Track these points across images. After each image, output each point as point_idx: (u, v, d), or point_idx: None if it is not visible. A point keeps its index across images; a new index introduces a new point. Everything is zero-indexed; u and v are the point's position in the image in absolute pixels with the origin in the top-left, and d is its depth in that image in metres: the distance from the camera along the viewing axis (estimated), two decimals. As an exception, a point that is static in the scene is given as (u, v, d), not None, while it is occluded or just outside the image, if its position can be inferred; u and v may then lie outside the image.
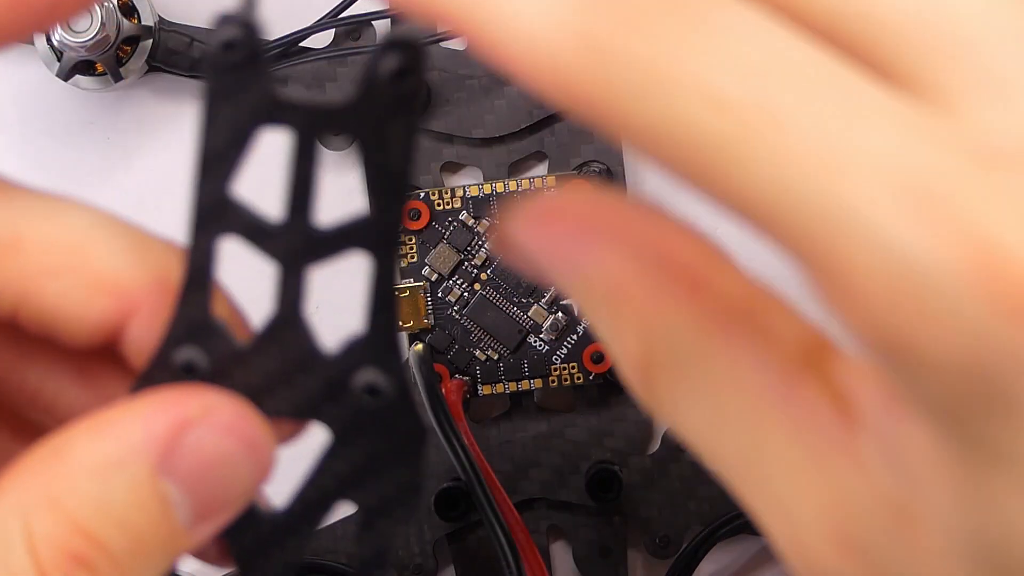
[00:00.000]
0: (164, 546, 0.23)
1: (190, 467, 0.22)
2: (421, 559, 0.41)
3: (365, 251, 0.23)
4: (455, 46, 0.42)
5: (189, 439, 0.22)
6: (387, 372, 0.23)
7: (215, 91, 0.23)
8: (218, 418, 0.23)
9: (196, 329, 0.23)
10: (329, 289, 0.43)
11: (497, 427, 0.42)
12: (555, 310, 0.41)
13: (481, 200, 0.41)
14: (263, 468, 0.23)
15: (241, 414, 0.23)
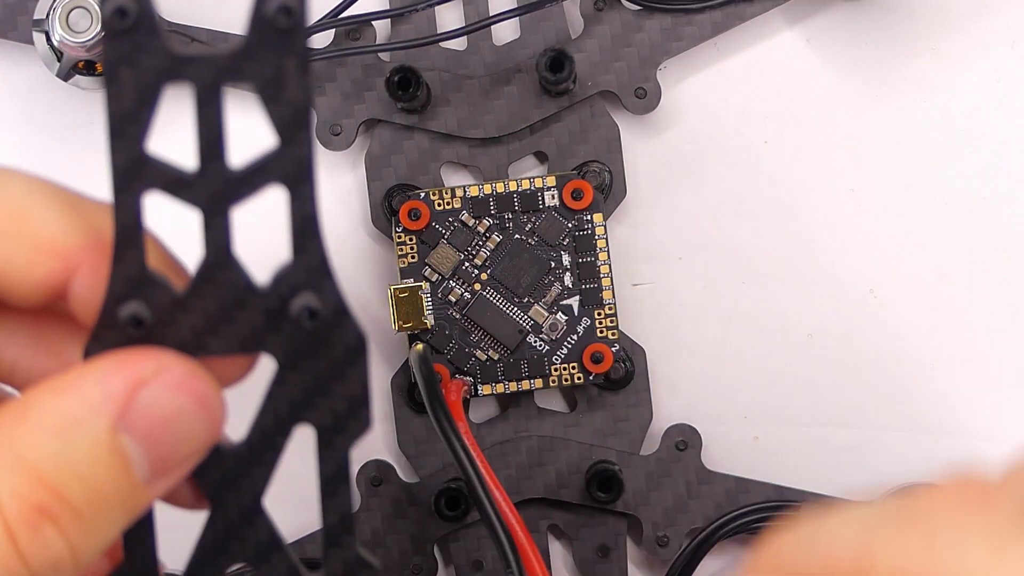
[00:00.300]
0: (124, 500, 0.24)
1: (146, 423, 0.24)
2: (421, 559, 0.41)
3: (280, 185, 0.24)
4: (455, 46, 0.42)
5: (144, 397, 0.24)
6: (320, 293, 0.24)
7: (113, 56, 0.24)
8: (170, 376, 0.24)
9: (135, 284, 0.25)
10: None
11: (497, 427, 0.42)
12: (555, 310, 0.41)
13: (481, 200, 0.41)
14: (214, 423, 0.25)
15: (192, 372, 0.24)
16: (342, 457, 0.25)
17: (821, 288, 0.42)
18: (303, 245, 0.24)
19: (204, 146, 0.24)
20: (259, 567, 0.26)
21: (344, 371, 0.25)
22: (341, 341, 0.24)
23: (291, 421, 0.25)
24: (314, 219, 0.24)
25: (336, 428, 0.25)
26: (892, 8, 0.42)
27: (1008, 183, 0.42)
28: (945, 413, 0.42)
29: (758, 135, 0.42)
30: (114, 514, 0.24)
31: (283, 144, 0.24)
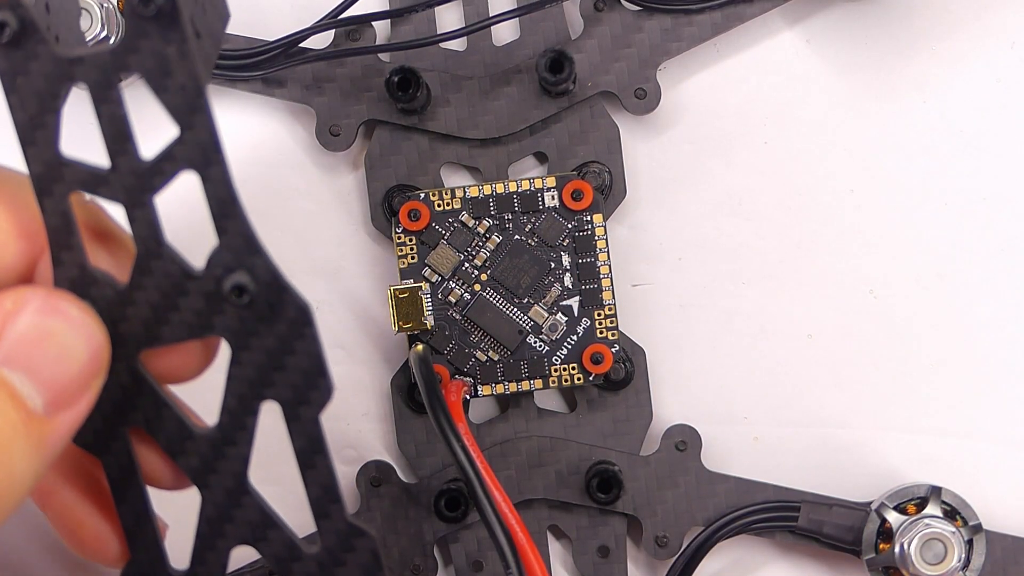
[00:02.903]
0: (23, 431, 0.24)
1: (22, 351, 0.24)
2: (421, 559, 0.41)
3: (191, 170, 0.24)
4: (455, 47, 0.42)
5: (14, 327, 0.24)
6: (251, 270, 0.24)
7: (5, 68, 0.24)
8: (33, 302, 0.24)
9: (78, 285, 0.25)
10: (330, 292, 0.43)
11: (497, 428, 0.42)
12: (555, 311, 0.41)
13: (481, 201, 0.41)
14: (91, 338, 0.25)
15: (52, 295, 0.25)
16: (312, 428, 0.25)
17: (821, 288, 0.42)
18: (225, 226, 0.24)
19: (111, 142, 0.25)
20: (258, 546, 0.26)
21: (294, 344, 0.25)
22: (284, 315, 0.25)
23: (255, 399, 0.25)
24: (232, 199, 0.24)
25: (299, 400, 0.25)
26: (892, 8, 0.42)
27: (1008, 183, 0.42)
28: (945, 413, 0.42)
29: (758, 135, 0.42)
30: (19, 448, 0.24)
31: (183, 130, 0.24)
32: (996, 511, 0.42)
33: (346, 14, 0.41)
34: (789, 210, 0.42)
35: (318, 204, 0.43)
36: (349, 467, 0.42)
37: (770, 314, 0.42)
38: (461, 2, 0.42)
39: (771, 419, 0.42)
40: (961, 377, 0.42)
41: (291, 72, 0.41)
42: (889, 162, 0.42)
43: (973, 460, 0.42)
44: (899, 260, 0.42)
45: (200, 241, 0.26)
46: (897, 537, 0.40)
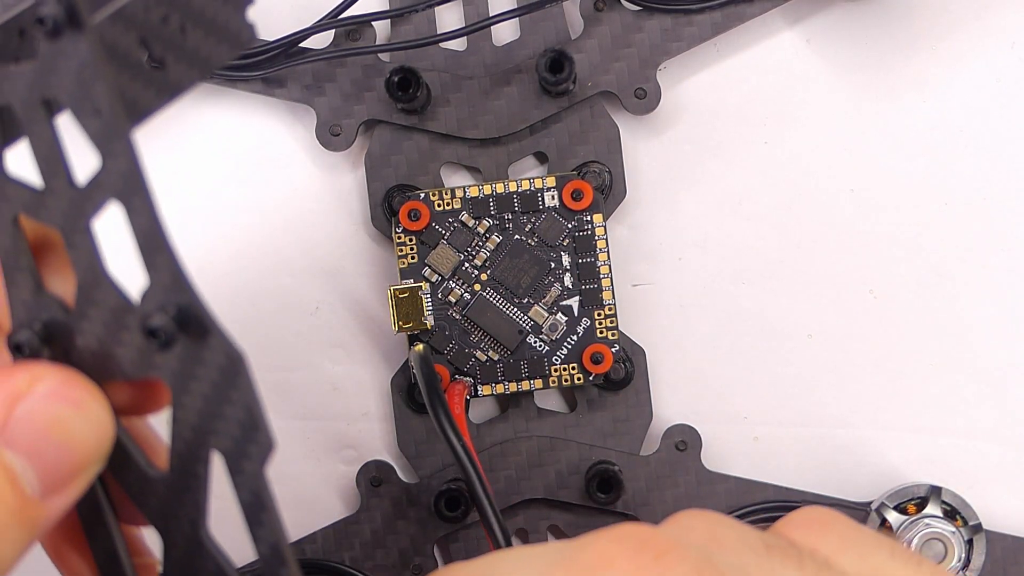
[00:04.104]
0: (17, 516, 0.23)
1: (27, 435, 0.23)
2: (421, 559, 0.41)
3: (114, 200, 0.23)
4: (455, 47, 0.42)
5: (21, 409, 0.23)
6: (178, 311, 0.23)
7: None
8: (45, 385, 0.23)
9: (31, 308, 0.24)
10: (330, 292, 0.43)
11: (497, 428, 0.42)
12: (555, 311, 0.41)
13: (481, 200, 0.41)
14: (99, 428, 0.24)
15: (66, 379, 0.24)
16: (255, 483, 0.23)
17: (821, 288, 0.42)
18: (153, 262, 0.23)
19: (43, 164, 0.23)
20: None
21: (228, 393, 0.23)
22: (214, 361, 0.23)
23: (198, 447, 0.24)
24: (158, 232, 0.22)
25: (239, 453, 0.23)
26: (892, 8, 0.42)
27: (1008, 183, 0.42)
28: (945, 413, 0.42)
29: (758, 135, 0.42)
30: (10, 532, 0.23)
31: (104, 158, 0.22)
32: (996, 511, 0.42)
33: (346, 14, 0.41)
34: (789, 210, 0.42)
35: (318, 204, 0.43)
36: (349, 467, 0.42)
37: (770, 314, 0.42)
38: (461, 2, 0.42)
39: (771, 419, 0.42)
40: (961, 377, 0.42)
41: (291, 72, 0.41)
42: (889, 162, 0.42)
43: (973, 460, 0.42)
44: (899, 260, 0.42)
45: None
46: (897, 537, 0.40)
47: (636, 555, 0.21)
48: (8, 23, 0.23)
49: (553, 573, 0.21)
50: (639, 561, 0.21)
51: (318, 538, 0.41)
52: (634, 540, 0.21)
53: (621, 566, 0.21)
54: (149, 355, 0.23)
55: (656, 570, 0.21)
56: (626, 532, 0.21)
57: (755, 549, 0.22)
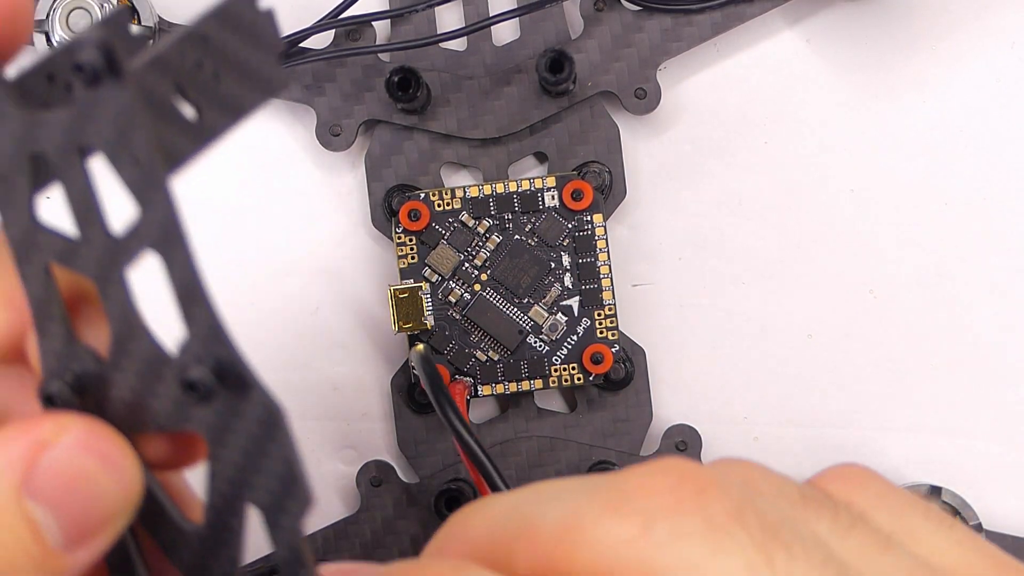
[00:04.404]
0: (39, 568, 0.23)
1: (51, 486, 0.23)
2: (421, 559, 0.41)
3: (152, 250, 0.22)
4: (455, 47, 0.42)
5: (46, 459, 0.23)
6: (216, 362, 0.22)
7: None
8: (72, 436, 0.23)
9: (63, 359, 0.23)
10: (330, 292, 0.43)
11: (497, 428, 0.42)
12: (555, 311, 0.41)
13: (481, 201, 0.41)
14: (126, 481, 0.23)
15: (93, 431, 0.23)
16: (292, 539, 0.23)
17: (821, 288, 0.42)
18: (191, 314, 0.22)
19: (78, 212, 0.22)
20: None
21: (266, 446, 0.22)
22: (253, 415, 0.22)
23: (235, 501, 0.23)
24: (196, 284, 0.22)
25: (277, 507, 0.23)
26: (892, 8, 0.42)
27: (1008, 183, 0.42)
28: (945, 413, 0.42)
29: (758, 135, 0.42)
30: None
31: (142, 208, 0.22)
32: (996, 511, 0.42)
33: (346, 14, 0.41)
34: (789, 210, 0.42)
35: (318, 204, 0.43)
36: (349, 467, 0.42)
37: (770, 314, 0.42)
38: (461, 2, 0.42)
39: (771, 419, 0.42)
40: (961, 377, 0.42)
41: (291, 72, 0.41)
42: (889, 162, 0.42)
43: (973, 460, 0.42)
44: (899, 260, 0.42)
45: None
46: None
47: (677, 487, 0.21)
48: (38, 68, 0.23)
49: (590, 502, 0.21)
50: (680, 494, 0.20)
51: (318, 538, 0.41)
52: (675, 473, 0.21)
53: (661, 497, 0.20)
54: (185, 407, 0.23)
55: (697, 503, 0.20)
56: (667, 465, 0.21)
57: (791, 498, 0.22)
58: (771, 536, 0.20)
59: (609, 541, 0.20)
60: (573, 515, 0.21)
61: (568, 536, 0.21)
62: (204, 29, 0.22)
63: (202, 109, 0.23)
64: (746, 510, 0.20)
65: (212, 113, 0.23)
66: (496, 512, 0.22)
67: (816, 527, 0.21)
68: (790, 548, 0.20)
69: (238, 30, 0.23)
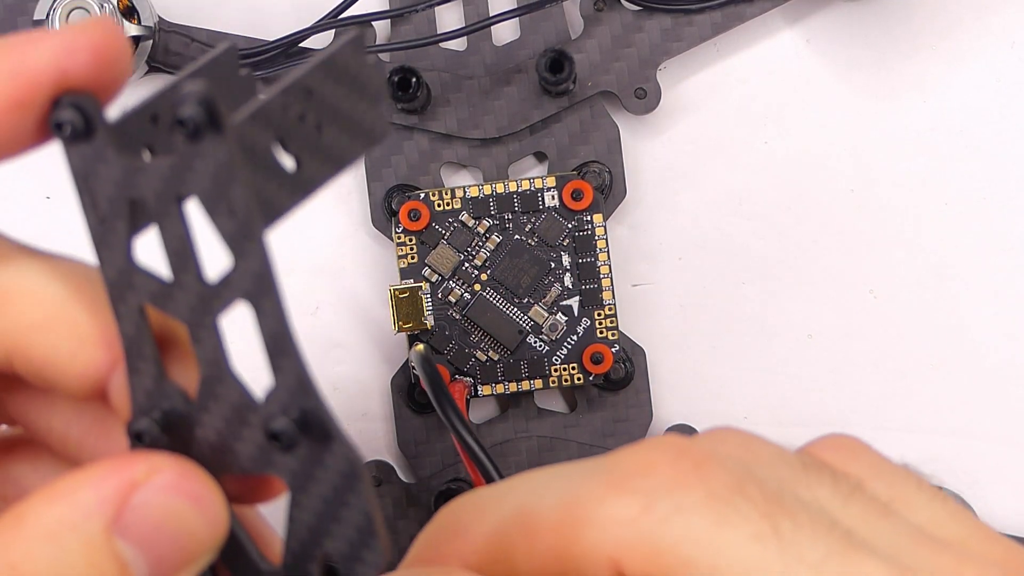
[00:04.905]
0: None
1: (141, 526, 0.23)
2: (421, 559, 0.41)
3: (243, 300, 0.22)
4: (455, 47, 0.42)
5: (138, 499, 0.23)
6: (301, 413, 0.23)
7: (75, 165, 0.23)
8: (163, 477, 0.23)
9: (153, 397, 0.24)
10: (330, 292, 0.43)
11: (497, 428, 0.42)
12: (555, 311, 0.41)
13: (481, 201, 0.41)
14: (214, 523, 0.24)
15: (184, 472, 0.23)
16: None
17: (821, 288, 0.42)
18: (280, 364, 0.22)
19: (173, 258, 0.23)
20: None
21: (346, 497, 0.23)
22: (335, 466, 0.23)
23: (313, 547, 0.24)
24: (286, 335, 0.22)
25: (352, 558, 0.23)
26: (892, 8, 0.42)
27: (1008, 183, 0.42)
28: (945, 413, 0.42)
29: (758, 135, 0.42)
30: None
31: (236, 258, 0.22)
32: (996, 511, 0.42)
33: (346, 14, 0.41)
34: (789, 210, 0.42)
35: (318, 204, 0.43)
36: (349, 467, 0.42)
37: (770, 314, 0.42)
38: (461, 2, 0.42)
39: (771, 419, 0.42)
40: (961, 377, 0.42)
41: (291, 72, 0.41)
42: (889, 162, 0.42)
43: (973, 460, 0.42)
44: (899, 260, 0.42)
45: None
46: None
47: (676, 462, 0.21)
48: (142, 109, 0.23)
49: (588, 484, 0.21)
50: (679, 467, 0.20)
51: None
52: (672, 449, 0.21)
53: (661, 474, 0.20)
54: (269, 454, 0.23)
55: (697, 477, 0.20)
56: (664, 441, 0.21)
57: (791, 465, 0.22)
58: (775, 505, 0.20)
59: (612, 521, 0.20)
60: (572, 498, 0.21)
61: (569, 520, 0.21)
62: (308, 81, 0.22)
63: (302, 160, 0.23)
64: (747, 481, 0.20)
65: (312, 164, 0.23)
66: (489, 504, 0.22)
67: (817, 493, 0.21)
68: (795, 516, 0.20)
69: (343, 80, 0.23)
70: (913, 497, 0.22)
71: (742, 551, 0.20)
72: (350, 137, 0.23)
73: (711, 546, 0.20)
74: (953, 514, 0.22)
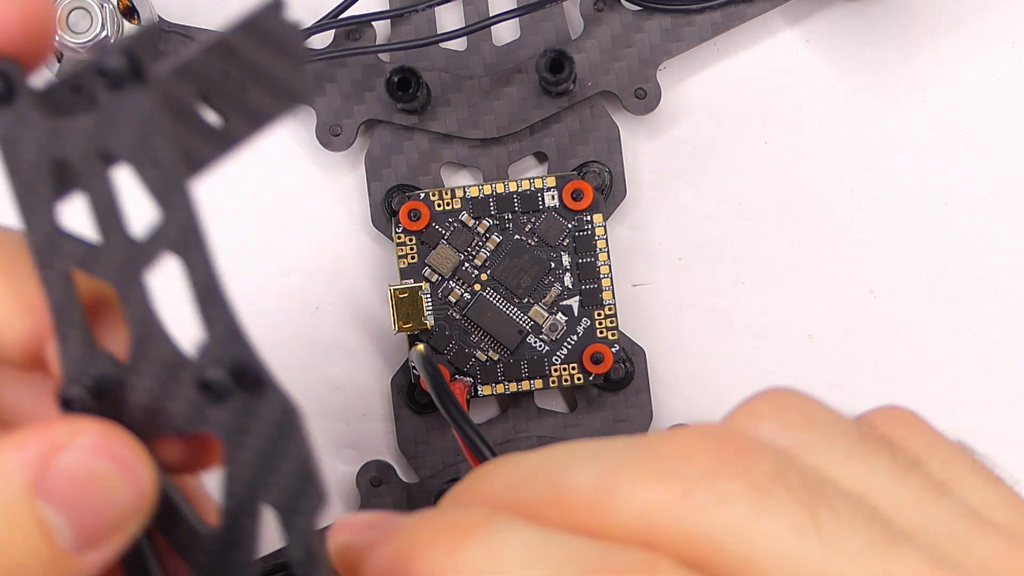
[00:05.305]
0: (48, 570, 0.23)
1: (64, 489, 0.23)
2: (421, 559, 0.41)
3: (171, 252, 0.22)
4: (455, 47, 0.42)
5: (60, 462, 0.23)
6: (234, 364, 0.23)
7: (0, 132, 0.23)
8: (86, 439, 0.23)
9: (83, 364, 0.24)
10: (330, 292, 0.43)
11: (497, 427, 0.42)
12: (555, 311, 0.41)
13: (481, 201, 0.41)
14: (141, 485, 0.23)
15: (108, 434, 0.23)
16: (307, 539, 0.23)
17: (821, 288, 0.42)
18: (210, 315, 0.23)
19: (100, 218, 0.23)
20: None
21: (282, 446, 0.23)
22: (269, 415, 0.23)
23: (251, 502, 0.23)
24: (215, 286, 0.22)
25: (291, 507, 0.23)
26: (892, 8, 0.42)
27: (1008, 183, 0.42)
28: (945, 413, 0.42)
29: (758, 135, 0.42)
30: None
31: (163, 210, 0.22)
32: (996, 511, 0.42)
33: (346, 14, 0.41)
34: (789, 210, 0.42)
35: (318, 204, 0.43)
36: (349, 467, 0.42)
37: (770, 314, 0.42)
38: (461, 2, 0.42)
39: (771, 419, 0.42)
40: (961, 377, 0.42)
41: (291, 72, 0.41)
42: (889, 162, 0.42)
43: (973, 460, 0.42)
44: (899, 260, 0.42)
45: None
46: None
47: (717, 449, 0.20)
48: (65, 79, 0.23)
49: (627, 465, 0.20)
50: (720, 455, 0.20)
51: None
52: (714, 435, 0.21)
53: (701, 461, 0.20)
54: (202, 409, 0.23)
55: (738, 466, 0.20)
56: (703, 429, 0.21)
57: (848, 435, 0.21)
58: (815, 495, 0.20)
59: (648, 505, 0.20)
60: (608, 479, 0.20)
61: (604, 500, 0.20)
62: (231, 40, 0.23)
63: (227, 117, 0.23)
64: (788, 470, 0.20)
65: (236, 121, 0.23)
66: (521, 471, 0.21)
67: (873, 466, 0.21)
68: (835, 507, 0.20)
69: (264, 41, 0.23)
70: (967, 478, 0.22)
71: (781, 542, 0.19)
72: (273, 96, 0.23)
73: (750, 536, 0.19)
74: (1005, 498, 0.22)
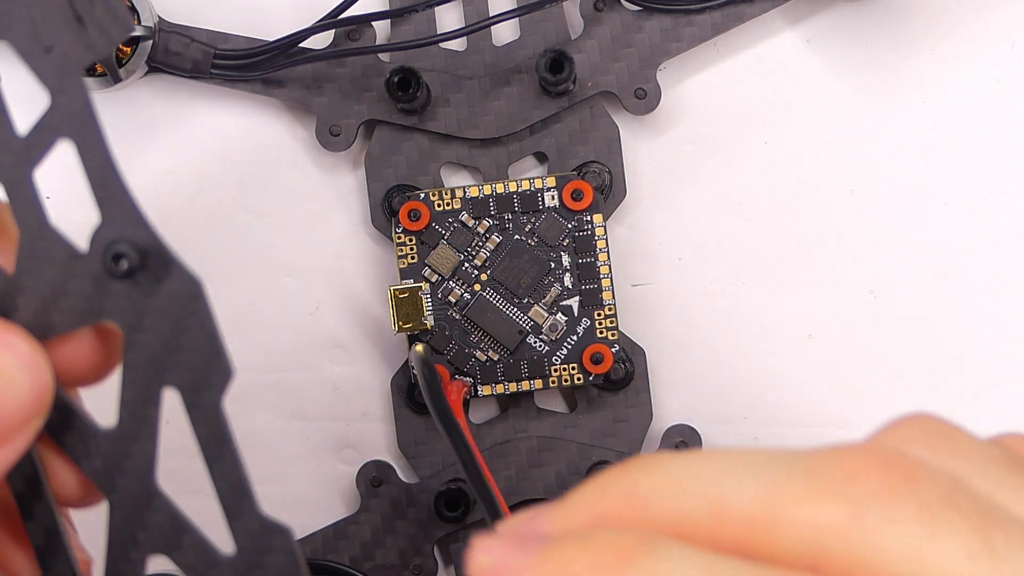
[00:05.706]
0: None
1: None
2: (421, 559, 0.41)
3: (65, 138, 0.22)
4: (455, 47, 0.42)
5: None
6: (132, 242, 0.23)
7: None
8: None
9: None
10: (330, 292, 0.43)
11: (497, 428, 0.42)
12: (555, 311, 0.41)
13: (481, 201, 0.41)
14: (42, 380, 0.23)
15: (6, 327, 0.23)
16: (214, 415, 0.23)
17: (821, 288, 0.42)
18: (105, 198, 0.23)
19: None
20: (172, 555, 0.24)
21: (186, 322, 0.23)
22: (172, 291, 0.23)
23: (154, 387, 0.23)
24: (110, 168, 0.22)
25: (198, 385, 0.23)
26: (892, 8, 0.42)
27: (1008, 183, 0.42)
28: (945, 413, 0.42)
29: (758, 135, 0.42)
30: None
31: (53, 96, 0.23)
32: (996, 511, 0.42)
33: (346, 14, 0.41)
34: (789, 210, 0.42)
35: (318, 204, 0.43)
36: (349, 467, 0.42)
37: (770, 314, 0.42)
38: (461, 2, 0.42)
39: (771, 419, 0.42)
40: (961, 377, 0.42)
41: (291, 72, 0.41)
42: (889, 162, 0.42)
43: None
44: (899, 260, 0.42)
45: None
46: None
47: (887, 473, 0.20)
48: None
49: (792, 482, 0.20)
50: (890, 480, 0.20)
51: (318, 538, 0.41)
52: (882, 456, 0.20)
53: (870, 482, 0.20)
54: (99, 300, 0.23)
55: (908, 487, 0.19)
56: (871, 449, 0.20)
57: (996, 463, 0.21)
58: (987, 520, 0.19)
59: (814, 526, 0.19)
60: (772, 495, 0.20)
61: (766, 517, 0.20)
62: None
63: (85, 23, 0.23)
64: (958, 494, 0.20)
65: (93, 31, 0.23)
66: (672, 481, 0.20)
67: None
68: (1008, 532, 0.19)
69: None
70: None
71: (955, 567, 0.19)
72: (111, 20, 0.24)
73: (922, 561, 0.19)
74: None
